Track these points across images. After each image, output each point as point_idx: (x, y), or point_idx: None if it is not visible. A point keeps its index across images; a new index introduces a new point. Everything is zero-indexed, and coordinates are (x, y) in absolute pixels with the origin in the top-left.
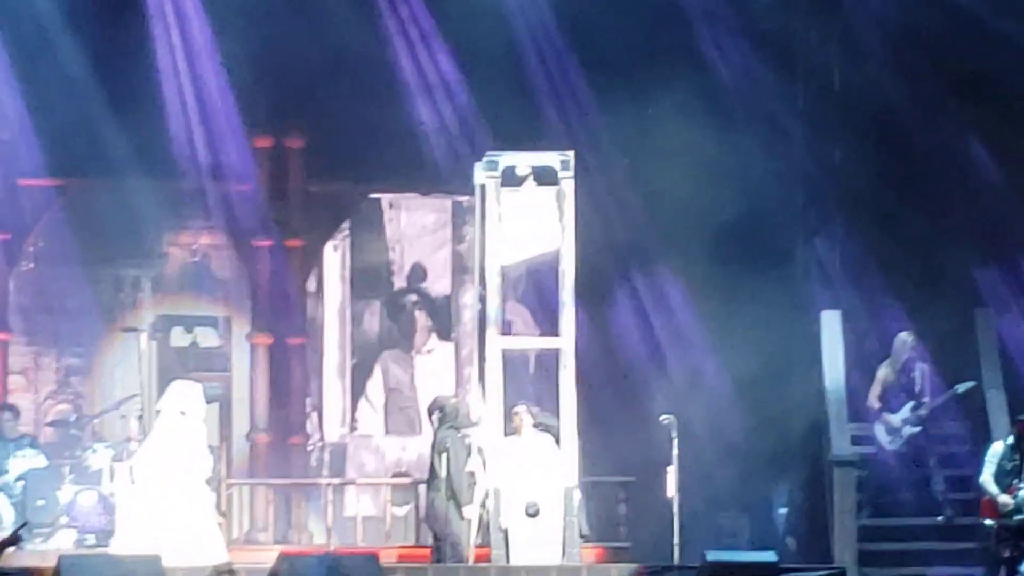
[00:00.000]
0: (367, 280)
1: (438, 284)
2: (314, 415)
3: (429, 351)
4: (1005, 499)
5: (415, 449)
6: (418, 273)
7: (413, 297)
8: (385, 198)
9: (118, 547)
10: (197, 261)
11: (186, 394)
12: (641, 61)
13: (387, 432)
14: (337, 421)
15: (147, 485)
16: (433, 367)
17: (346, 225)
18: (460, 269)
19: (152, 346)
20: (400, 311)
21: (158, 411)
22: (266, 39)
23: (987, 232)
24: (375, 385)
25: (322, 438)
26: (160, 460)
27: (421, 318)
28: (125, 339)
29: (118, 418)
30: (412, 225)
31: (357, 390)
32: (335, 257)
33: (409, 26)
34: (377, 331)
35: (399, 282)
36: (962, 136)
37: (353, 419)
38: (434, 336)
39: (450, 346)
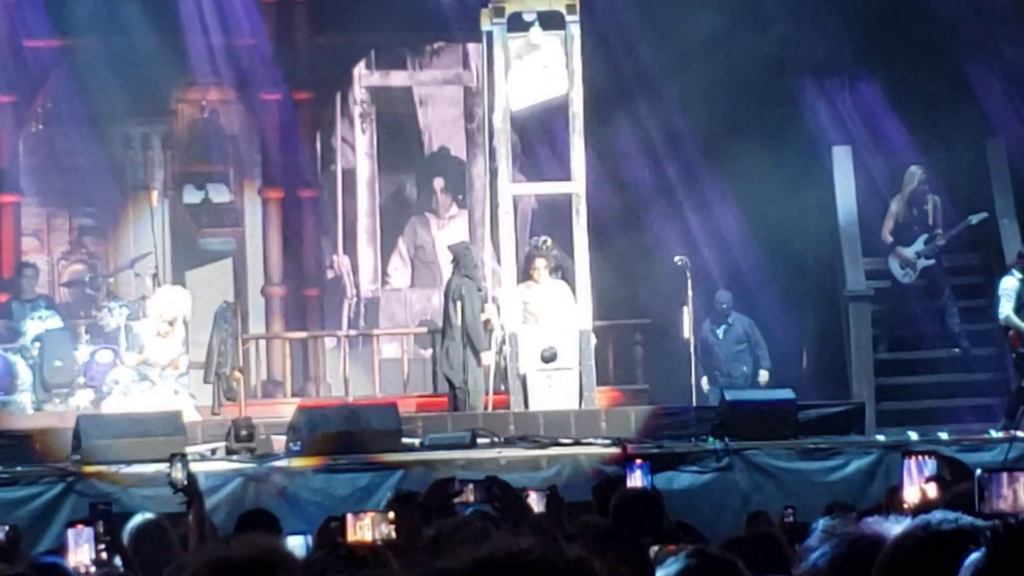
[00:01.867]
0: (394, 153)
1: (454, 156)
2: (348, 274)
3: (451, 217)
4: None
5: (439, 299)
6: (443, 154)
7: (436, 170)
8: (413, 90)
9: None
10: (206, 117)
11: (175, 301)
12: None
13: (412, 285)
14: (369, 279)
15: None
16: (452, 229)
17: (372, 109)
18: (472, 144)
19: (164, 203)
20: (424, 181)
21: (146, 314)
22: None
23: (997, 61)
24: (403, 245)
25: (357, 294)
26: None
27: (439, 184)
28: (137, 197)
29: (132, 276)
30: (435, 114)
31: (387, 250)
32: (364, 139)
33: None
34: (404, 199)
35: (424, 154)
36: None
37: (384, 274)
38: (454, 205)
39: (465, 212)
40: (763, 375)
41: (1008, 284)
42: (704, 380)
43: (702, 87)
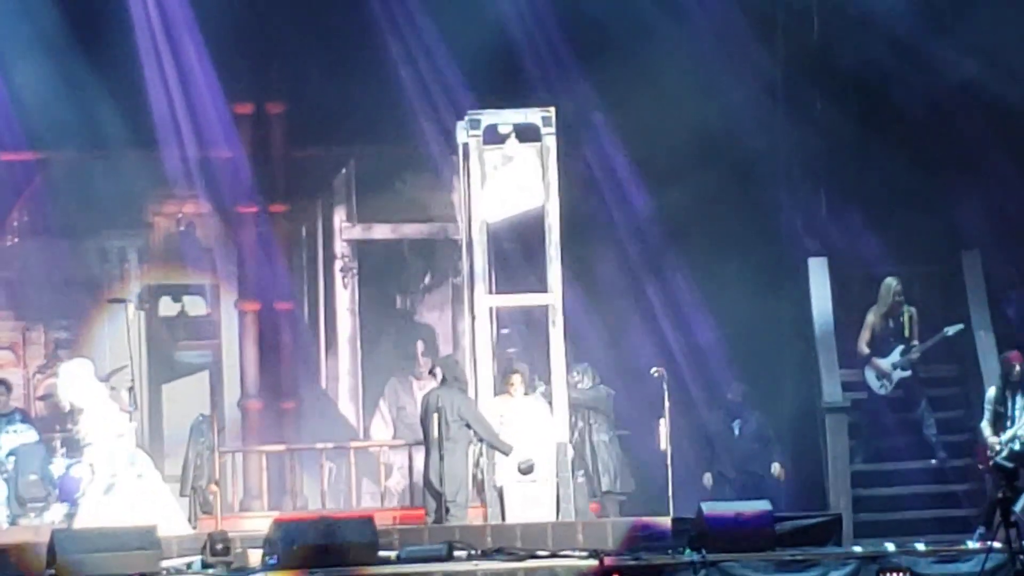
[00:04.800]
0: (376, 312)
1: (441, 314)
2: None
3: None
4: (992, 440)
5: (419, 453)
6: (426, 312)
7: (417, 331)
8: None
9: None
10: (182, 230)
11: (71, 373)
12: (621, 14)
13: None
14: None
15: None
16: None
17: (353, 264)
18: (458, 299)
19: (140, 316)
20: (406, 343)
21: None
22: (244, 5)
23: (971, 173)
24: (383, 405)
25: None
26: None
27: (420, 347)
28: (113, 310)
29: (108, 390)
30: (418, 268)
31: (368, 408)
32: (345, 294)
33: None
34: (385, 357)
35: (404, 315)
36: (942, 78)
37: (367, 433)
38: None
39: None
40: (776, 468)
41: (989, 394)
42: (707, 476)
43: (678, 200)
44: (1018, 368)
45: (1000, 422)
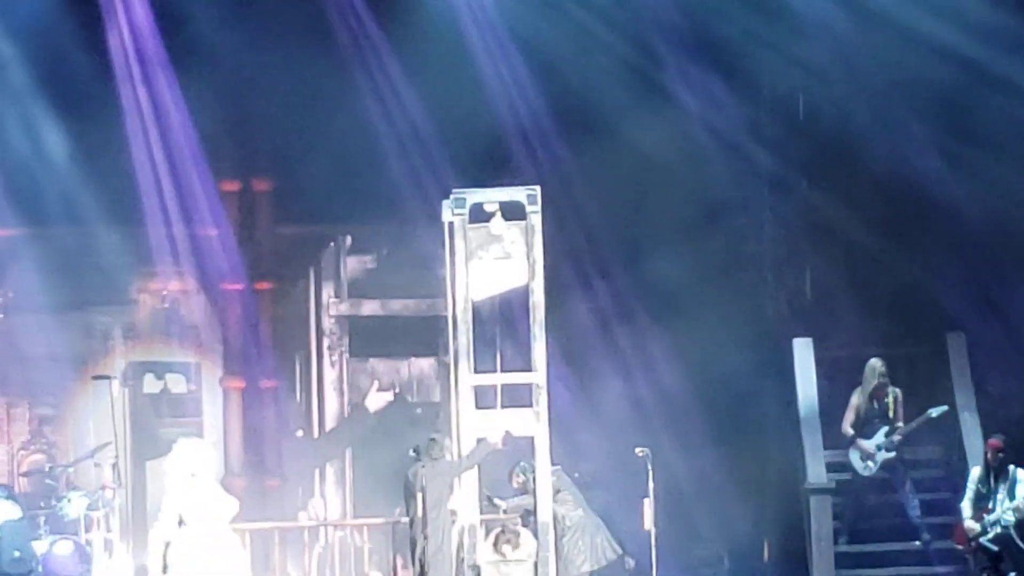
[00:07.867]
0: (362, 384)
1: (430, 393)
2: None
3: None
4: (971, 524)
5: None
6: (419, 387)
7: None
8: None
9: None
10: (167, 307)
11: (196, 452)
12: (607, 93)
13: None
14: (338, 511)
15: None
16: None
17: (342, 342)
18: (444, 377)
19: (124, 393)
20: (396, 417)
21: (164, 471)
22: (231, 83)
23: (956, 255)
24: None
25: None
26: (185, 532)
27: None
28: (97, 387)
29: (92, 466)
30: (409, 343)
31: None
32: (332, 373)
33: (375, 67)
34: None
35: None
36: (929, 159)
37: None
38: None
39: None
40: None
41: (973, 475)
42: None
43: (663, 280)
44: (990, 454)
45: (981, 502)
